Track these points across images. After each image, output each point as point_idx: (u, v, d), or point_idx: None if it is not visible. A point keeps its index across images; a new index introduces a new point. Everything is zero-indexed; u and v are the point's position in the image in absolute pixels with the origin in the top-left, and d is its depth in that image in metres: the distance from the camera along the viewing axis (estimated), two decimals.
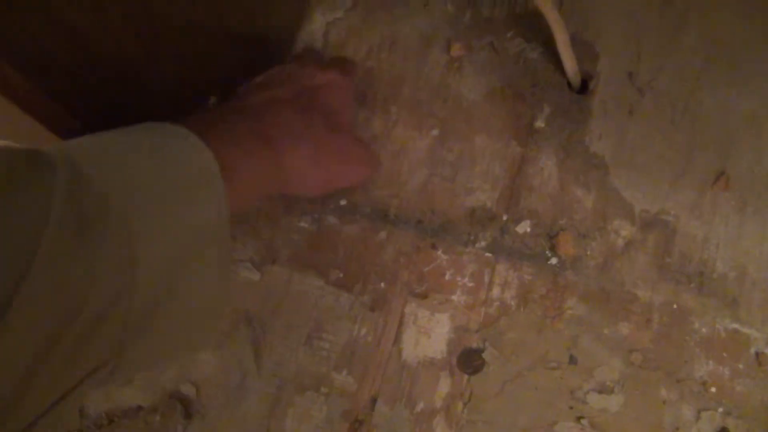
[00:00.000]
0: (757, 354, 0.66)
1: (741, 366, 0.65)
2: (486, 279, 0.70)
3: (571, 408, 0.65)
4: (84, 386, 0.42)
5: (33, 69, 0.44)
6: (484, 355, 0.67)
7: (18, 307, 0.34)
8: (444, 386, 0.67)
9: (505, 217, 0.72)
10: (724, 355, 0.66)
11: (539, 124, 0.75)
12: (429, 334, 0.69)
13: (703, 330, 0.66)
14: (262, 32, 0.75)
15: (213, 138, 0.50)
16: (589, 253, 0.70)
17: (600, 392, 0.65)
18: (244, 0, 0.70)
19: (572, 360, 0.66)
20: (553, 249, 0.70)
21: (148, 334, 0.45)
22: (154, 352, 0.48)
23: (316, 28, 0.81)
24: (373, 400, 0.67)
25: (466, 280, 0.70)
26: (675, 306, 0.67)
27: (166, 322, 0.46)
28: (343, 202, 0.74)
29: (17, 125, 0.47)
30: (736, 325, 0.66)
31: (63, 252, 0.37)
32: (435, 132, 0.76)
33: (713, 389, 0.65)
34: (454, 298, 0.69)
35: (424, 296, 0.70)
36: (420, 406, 0.67)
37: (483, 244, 0.71)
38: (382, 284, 0.71)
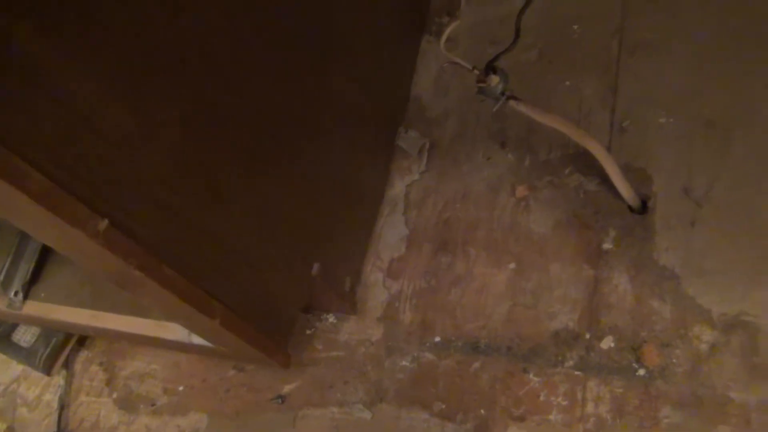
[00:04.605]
0: None
1: None
2: (579, 396, 0.74)
3: None
4: None
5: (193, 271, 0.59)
6: None
7: None
8: None
9: (588, 336, 0.77)
10: None
11: (607, 246, 0.82)
12: None
13: None
14: (354, 202, 0.90)
15: None
16: (675, 361, 0.73)
17: None
18: (341, 184, 0.85)
19: None
20: (639, 360, 0.74)
21: None
22: None
23: (397, 192, 0.95)
24: None
25: (560, 399, 0.74)
26: None
27: None
28: (437, 339, 0.82)
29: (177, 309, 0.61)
30: None
31: None
32: (512, 266, 0.84)
33: None
34: (551, 417, 0.74)
35: (522, 419, 0.75)
36: None
37: (571, 363, 0.76)
38: (482, 411, 0.76)
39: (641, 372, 0.73)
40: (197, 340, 0.75)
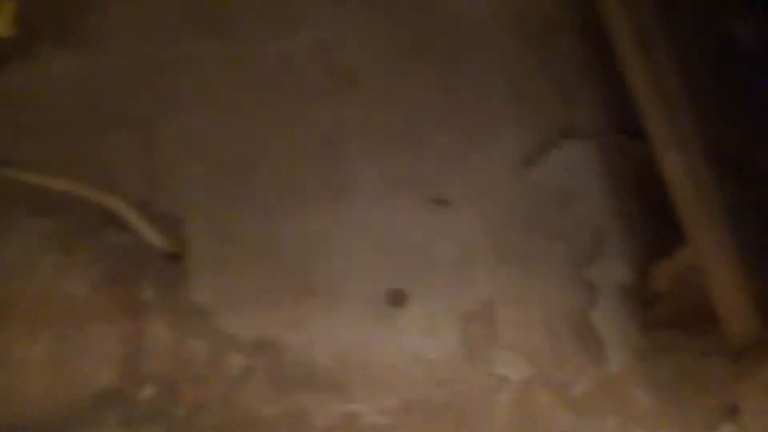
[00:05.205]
0: (372, 425, 0.76)
1: None
2: None
3: None
4: None
5: None
6: None
7: None
8: None
9: (129, 390, 0.77)
10: None
11: (146, 295, 0.83)
12: None
13: (323, 423, 0.76)
14: None
15: None
16: (211, 393, 0.77)
17: None
18: None
19: None
20: (178, 402, 0.76)
21: None
22: None
23: None
24: None
25: None
26: (296, 412, 0.76)
27: None
28: None
29: None
30: (347, 407, 0.77)
31: None
32: (50, 336, 0.80)
33: None
34: None
35: None
36: None
37: (115, 421, 0.75)
38: None
39: (180, 413, 0.75)
40: None
